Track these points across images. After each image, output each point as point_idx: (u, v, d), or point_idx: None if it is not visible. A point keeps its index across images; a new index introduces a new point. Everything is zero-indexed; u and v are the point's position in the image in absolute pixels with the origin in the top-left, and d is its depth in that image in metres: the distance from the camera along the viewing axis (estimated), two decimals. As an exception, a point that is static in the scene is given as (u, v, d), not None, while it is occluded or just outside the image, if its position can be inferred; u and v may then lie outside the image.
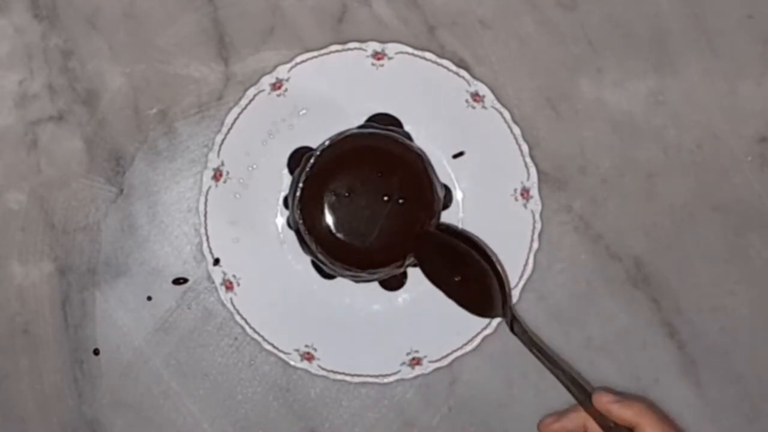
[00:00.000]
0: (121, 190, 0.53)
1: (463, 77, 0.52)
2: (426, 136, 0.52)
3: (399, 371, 0.52)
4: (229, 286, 0.52)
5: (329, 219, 0.50)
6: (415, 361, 0.52)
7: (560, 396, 0.52)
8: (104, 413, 0.53)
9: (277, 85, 0.52)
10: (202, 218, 0.52)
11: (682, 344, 0.53)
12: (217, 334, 0.53)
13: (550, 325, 0.53)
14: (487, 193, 0.52)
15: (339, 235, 0.50)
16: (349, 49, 0.52)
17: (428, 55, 0.52)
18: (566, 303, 0.53)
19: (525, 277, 0.52)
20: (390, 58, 0.52)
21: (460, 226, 0.52)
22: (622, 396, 0.46)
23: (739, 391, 0.53)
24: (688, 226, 0.53)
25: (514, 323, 0.49)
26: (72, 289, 0.53)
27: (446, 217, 0.52)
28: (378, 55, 0.52)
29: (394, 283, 0.53)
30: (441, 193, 0.51)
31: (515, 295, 0.52)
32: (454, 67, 0.52)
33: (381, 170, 0.50)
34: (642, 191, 0.53)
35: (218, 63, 0.53)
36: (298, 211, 0.50)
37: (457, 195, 0.53)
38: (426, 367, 0.52)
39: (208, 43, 0.54)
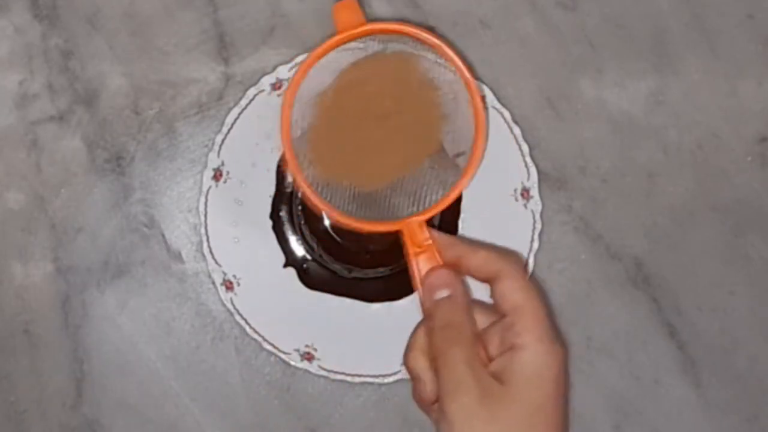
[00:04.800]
0: (122, 190, 0.53)
1: (463, 77, 0.52)
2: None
3: (399, 371, 0.51)
4: (229, 286, 0.52)
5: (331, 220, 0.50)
6: (415, 361, 0.52)
7: (560, 396, 0.52)
8: (104, 413, 0.53)
9: (277, 85, 0.52)
10: (202, 218, 0.52)
11: (682, 344, 0.53)
12: (217, 334, 0.53)
13: (550, 325, 0.53)
14: (487, 193, 0.52)
15: (339, 236, 0.50)
16: (349, 49, 0.52)
17: (428, 55, 0.52)
18: (566, 303, 0.53)
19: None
20: (390, 58, 0.52)
21: (460, 226, 0.52)
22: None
23: (739, 391, 0.53)
24: (688, 226, 0.53)
25: None
26: (72, 289, 0.53)
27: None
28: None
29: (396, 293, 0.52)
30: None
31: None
32: (454, 67, 0.52)
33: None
34: (642, 191, 0.53)
35: (218, 63, 0.53)
36: (300, 212, 0.50)
37: (457, 195, 0.53)
38: (426, 367, 0.52)
39: (208, 43, 0.54)
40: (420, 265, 0.42)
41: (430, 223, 0.43)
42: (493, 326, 0.39)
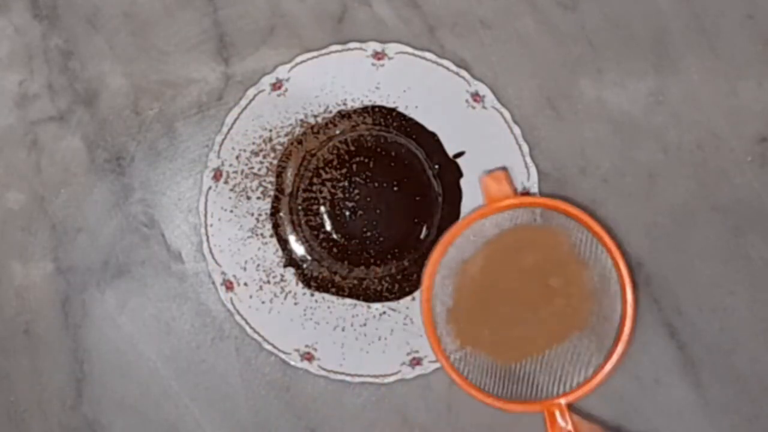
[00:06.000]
0: (122, 190, 0.53)
1: (463, 77, 0.52)
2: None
3: (399, 371, 0.52)
4: (229, 286, 0.52)
5: (331, 220, 0.50)
6: (415, 361, 0.52)
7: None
8: (104, 413, 0.53)
9: (277, 85, 0.52)
10: (202, 218, 0.52)
11: (682, 344, 0.53)
12: (217, 334, 0.53)
13: (550, 325, 0.53)
14: (487, 193, 0.52)
15: (339, 236, 0.50)
16: (349, 49, 0.52)
17: (428, 55, 0.52)
18: (566, 303, 0.53)
19: (525, 277, 0.52)
20: (390, 58, 0.52)
21: (460, 226, 0.53)
22: None
23: (739, 391, 0.53)
24: (689, 226, 0.53)
25: None
26: (72, 289, 0.53)
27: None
28: (378, 55, 0.52)
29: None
30: (439, 189, 0.51)
31: (515, 295, 0.52)
32: (454, 67, 0.52)
33: (382, 170, 0.50)
34: (642, 191, 0.53)
35: (218, 63, 0.53)
36: (300, 211, 0.50)
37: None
38: (426, 367, 0.52)
39: (208, 43, 0.54)
40: None
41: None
42: None
